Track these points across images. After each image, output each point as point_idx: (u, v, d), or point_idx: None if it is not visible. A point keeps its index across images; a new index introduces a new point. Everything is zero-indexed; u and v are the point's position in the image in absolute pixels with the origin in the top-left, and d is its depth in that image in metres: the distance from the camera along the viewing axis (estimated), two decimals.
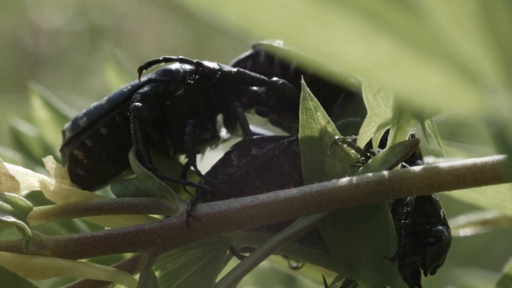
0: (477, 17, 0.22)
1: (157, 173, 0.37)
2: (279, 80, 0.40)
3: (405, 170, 0.34)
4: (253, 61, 0.42)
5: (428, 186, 0.33)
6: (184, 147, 0.39)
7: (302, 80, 0.36)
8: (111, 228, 0.36)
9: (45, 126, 0.51)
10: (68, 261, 0.35)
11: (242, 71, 0.40)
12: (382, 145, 0.37)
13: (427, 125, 0.36)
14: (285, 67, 0.41)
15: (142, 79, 0.39)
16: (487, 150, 0.42)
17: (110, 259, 0.38)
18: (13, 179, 0.36)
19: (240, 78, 0.40)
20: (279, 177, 0.38)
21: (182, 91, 0.39)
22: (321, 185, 0.34)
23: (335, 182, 0.34)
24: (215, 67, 0.40)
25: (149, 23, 1.57)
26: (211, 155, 0.42)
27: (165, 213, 0.37)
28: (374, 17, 0.22)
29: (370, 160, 0.35)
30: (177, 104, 0.39)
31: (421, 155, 0.41)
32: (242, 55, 0.43)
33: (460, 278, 0.61)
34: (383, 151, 0.35)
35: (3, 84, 1.43)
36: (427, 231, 0.37)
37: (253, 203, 0.35)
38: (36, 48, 1.47)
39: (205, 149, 0.41)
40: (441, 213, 0.37)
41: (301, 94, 0.36)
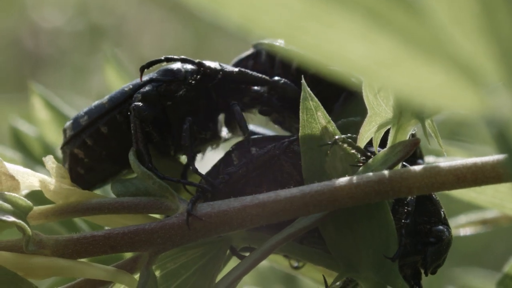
0: (478, 17, 0.22)
1: (157, 173, 0.37)
2: (280, 79, 0.40)
3: (405, 169, 0.34)
4: (254, 60, 0.42)
5: (428, 185, 0.33)
6: (181, 144, 0.38)
7: (302, 80, 0.36)
8: (111, 227, 0.36)
9: (45, 126, 0.51)
10: (68, 260, 0.35)
11: (243, 71, 0.40)
12: (382, 145, 0.37)
13: (428, 124, 0.36)
14: (286, 67, 0.41)
15: (143, 79, 0.39)
16: (487, 149, 0.42)
17: (110, 259, 0.38)
18: (13, 178, 0.36)
19: (241, 78, 0.40)
20: (279, 176, 0.38)
21: (183, 91, 0.39)
22: (321, 185, 0.34)
23: (335, 181, 0.34)
24: (216, 67, 0.39)
25: (149, 23, 1.57)
26: (212, 155, 0.42)
27: (165, 213, 0.37)
28: (375, 16, 0.22)
29: (370, 159, 0.35)
30: (178, 104, 0.39)
31: (422, 154, 0.41)
32: (243, 55, 0.43)
33: (460, 277, 0.61)
34: (383, 151, 0.35)
35: (3, 84, 1.43)
36: (428, 230, 0.37)
37: (253, 203, 0.35)
38: (36, 48, 1.47)
39: (205, 148, 0.41)
40: (442, 212, 0.37)
41: (302, 94, 0.36)
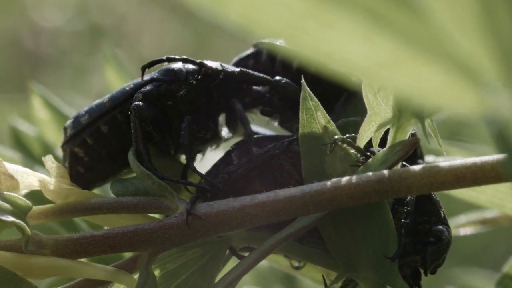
0: (478, 17, 0.22)
1: (156, 173, 0.37)
2: (282, 79, 0.40)
3: (404, 169, 0.34)
4: (254, 60, 0.42)
5: (427, 185, 0.33)
6: (180, 142, 0.38)
7: (302, 80, 0.36)
8: (110, 227, 0.36)
9: (45, 125, 0.51)
10: (67, 260, 0.35)
11: (245, 71, 0.40)
12: (382, 145, 0.37)
13: (427, 124, 0.36)
14: (287, 66, 0.41)
15: (144, 78, 0.39)
16: (487, 149, 0.42)
17: (109, 259, 0.38)
18: (12, 178, 0.36)
19: (243, 78, 0.40)
20: (279, 176, 0.38)
21: (184, 91, 0.39)
22: (321, 185, 0.34)
23: (335, 181, 0.34)
24: (218, 68, 0.39)
25: (149, 23, 1.57)
26: (212, 155, 0.42)
27: (164, 213, 0.36)
28: (375, 16, 0.22)
29: (370, 159, 0.35)
30: (179, 103, 0.39)
31: (422, 154, 0.41)
32: (243, 54, 0.43)
33: (460, 277, 0.61)
34: (382, 151, 0.35)
35: (3, 84, 1.43)
36: (428, 230, 0.37)
37: (253, 203, 0.34)
38: (36, 48, 1.47)
39: (206, 149, 0.41)
40: (442, 212, 0.37)
41: (301, 93, 0.36)
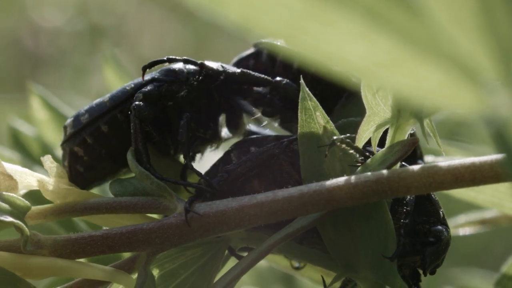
0: (477, 16, 0.22)
1: (155, 174, 0.37)
2: (282, 80, 0.40)
3: (403, 169, 0.34)
4: (255, 60, 0.42)
5: (426, 185, 0.33)
6: (178, 140, 0.38)
7: (301, 80, 0.36)
8: (109, 227, 0.36)
9: (44, 125, 0.51)
10: (66, 260, 0.35)
11: (246, 72, 0.40)
12: (381, 145, 0.37)
13: (426, 124, 0.36)
14: (288, 66, 0.41)
15: (145, 78, 0.39)
16: (486, 149, 0.42)
17: (108, 259, 0.38)
18: (11, 178, 0.36)
19: (244, 79, 0.40)
20: (279, 176, 0.38)
21: (185, 91, 0.39)
22: (320, 185, 0.34)
23: (334, 181, 0.34)
24: (219, 69, 0.39)
25: (149, 23, 1.57)
26: (211, 155, 0.42)
27: (163, 213, 0.36)
28: (374, 16, 0.22)
29: (368, 159, 0.35)
30: (180, 104, 0.39)
31: (422, 154, 0.41)
32: (243, 54, 0.43)
33: (459, 278, 0.61)
34: (381, 151, 0.35)
35: (3, 84, 1.43)
36: (427, 230, 0.37)
37: (251, 203, 0.34)
38: (36, 48, 1.47)
39: (205, 149, 0.41)
40: (441, 212, 0.37)
41: (300, 94, 0.36)
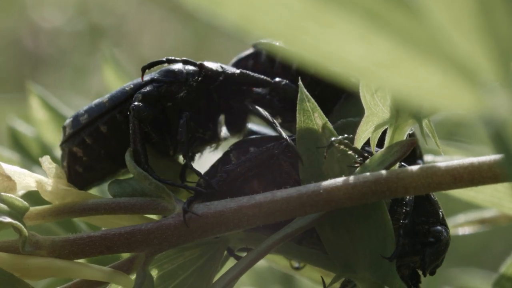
0: (476, 17, 0.22)
1: (153, 175, 0.37)
2: (282, 80, 0.40)
3: (402, 169, 0.34)
4: (254, 60, 0.42)
5: (425, 185, 0.33)
6: (177, 139, 0.38)
7: (299, 81, 0.36)
8: (107, 228, 0.36)
9: (43, 126, 0.51)
10: (64, 261, 0.35)
11: (245, 72, 0.40)
12: (380, 145, 0.37)
13: (425, 124, 0.36)
14: (287, 67, 0.41)
15: (144, 79, 0.39)
16: (484, 149, 0.42)
17: (106, 259, 0.38)
18: (9, 179, 0.36)
19: (243, 79, 0.39)
20: (278, 176, 0.38)
21: (184, 92, 0.39)
22: (318, 185, 0.34)
23: (332, 182, 0.34)
24: (218, 69, 0.39)
25: (149, 23, 1.57)
26: (211, 156, 0.42)
27: (161, 213, 0.36)
28: (373, 17, 0.22)
29: (367, 160, 0.35)
30: (179, 105, 0.39)
31: (422, 155, 0.41)
32: (242, 54, 0.43)
33: (458, 278, 0.61)
34: (380, 151, 0.35)
35: (3, 84, 1.43)
36: (426, 231, 0.37)
37: (250, 203, 0.34)
38: (36, 48, 1.48)
39: (204, 149, 0.41)
40: (440, 213, 0.37)
41: (299, 95, 0.36)
